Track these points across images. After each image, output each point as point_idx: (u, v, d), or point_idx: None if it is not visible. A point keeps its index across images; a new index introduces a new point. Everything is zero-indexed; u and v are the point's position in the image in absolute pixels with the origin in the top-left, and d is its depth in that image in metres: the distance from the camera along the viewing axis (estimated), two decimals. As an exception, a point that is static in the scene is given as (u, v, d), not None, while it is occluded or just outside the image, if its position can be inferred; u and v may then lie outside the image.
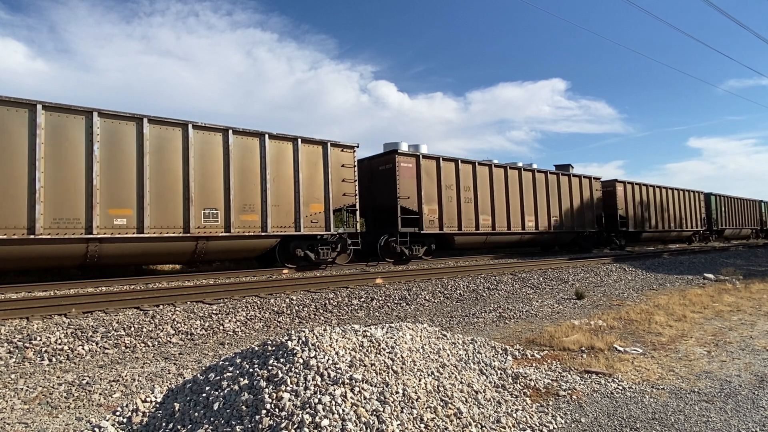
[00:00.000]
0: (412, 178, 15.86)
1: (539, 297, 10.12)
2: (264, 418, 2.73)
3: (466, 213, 17.24)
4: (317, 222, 13.28)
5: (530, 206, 19.85)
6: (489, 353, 4.80)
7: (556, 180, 21.37)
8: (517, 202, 19.36)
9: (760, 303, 8.67)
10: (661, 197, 28.27)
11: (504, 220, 18.76)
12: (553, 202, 20.99)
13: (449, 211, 16.73)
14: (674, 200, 29.61)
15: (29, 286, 9.62)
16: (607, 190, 24.89)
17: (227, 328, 7.04)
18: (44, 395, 4.21)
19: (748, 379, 4.37)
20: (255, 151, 12.34)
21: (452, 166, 17.13)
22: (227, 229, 11.66)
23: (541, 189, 20.52)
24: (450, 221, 16.73)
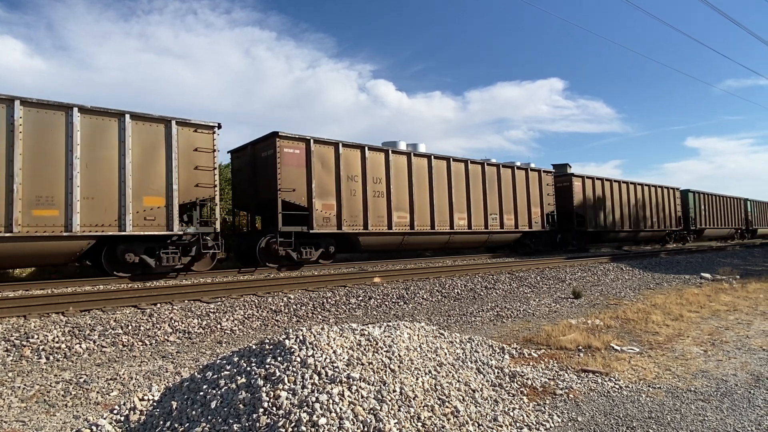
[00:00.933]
0: (300, 167, 13.29)
1: (536, 296, 10.14)
2: (261, 416, 2.74)
3: (375, 209, 14.77)
4: (154, 219, 10.64)
5: (461, 203, 17.48)
6: (486, 352, 4.81)
7: (496, 173, 19.01)
8: (444, 197, 16.93)
9: (757, 302, 8.70)
10: (628, 194, 25.98)
11: (426, 218, 16.33)
12: (492, 199, 18.66)
13: (351, 207, 14.25)
14: (645, 197, 27.34)
15: (26, 285, 9.61)
16: (563, 186, 22.52)
17: (225, 326, 7.04)
18: (42, 393, 4.21)
19: (744, 378, 4.39)
20: (59, 130, 9.63)
21: (357, 154, 14.63)
22: (8, 228, 9.01)
23: (476, 183, 18.12)
24: (353, 219, 14.28)
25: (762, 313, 7.65)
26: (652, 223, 27.86)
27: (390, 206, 15.31)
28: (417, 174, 16.32)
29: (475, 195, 18.16)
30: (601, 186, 24.24)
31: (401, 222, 15.65)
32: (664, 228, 29.00)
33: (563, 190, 22.41)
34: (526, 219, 20.03)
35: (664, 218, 28.93)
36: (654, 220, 27.99)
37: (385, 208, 15.22)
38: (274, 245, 12.75)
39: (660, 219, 28.59)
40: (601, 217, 23.78)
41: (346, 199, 14.20)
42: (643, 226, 27.05)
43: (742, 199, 39.87)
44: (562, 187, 22.42)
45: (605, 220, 24.07)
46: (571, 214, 22.30)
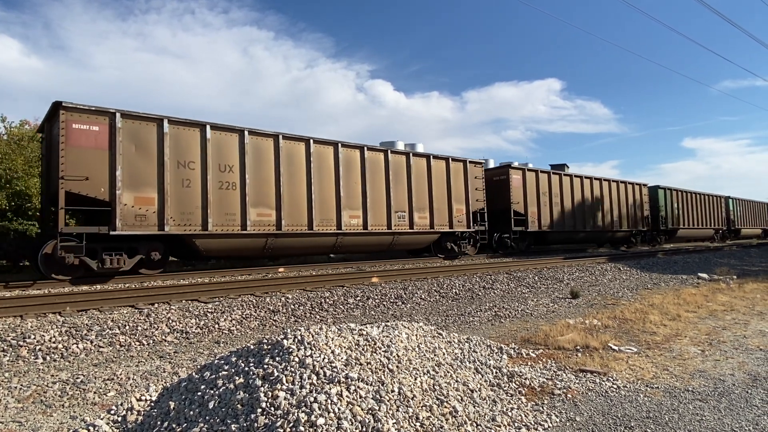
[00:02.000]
0: (99, 149, 10.39)
1: (534, 296, 10.15)
2: (259, 416, 2.73)
3: (221, 205, 11.89)
4: None
5: (354, 197, 14.71)
6: (484, 352, 4.81)
7: (405, 163, 16.18)
8: (329, 191, 14.10)
9: (754, 302, 8.73)
10: (583, 190, 23.35)
11: (301, 217, 13.43)
12: (399, 193, 15.90)
13: (183, 202, 11.33)
14: (605, 194, 24.63)
15: (23, 284, 9.57)
16: (499, 180, 19.91)
17: (223, 326, 7.03)
18: (38, 394, 4.19)
19: (741, 378, 4.40)
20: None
21: (194, 135, 11.62)
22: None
23: (377, 174, 15.35)
24: (184, 217, 11.33)
25: (759, 313, 7.68)
26: (613, 223, 25.07)
27: (245, 201, 12.28)
28: (289, 162, 13.29)
29: (375, 188, 15.27)
30: (547, 180, 21.34)
31: (263, 221, 12.67)
32: (629, 228, 26.35)
33: (499, 185, 19.84)
34: (445, 218, 17.22)
35: (628, 217, 26.21)
36: (616, 219, 25.27)
37: (237, 204, 12.21)
38: (62, 253, 9.78)
39: (624, 218, 25.94)
40: (547, 216, 21.01)
41: (175, 192, 11.22)
42: (603, 226, 24.41)
43: (723, 197, 36.96)
44: (498, 182, 19.90)
45: (552, 219, 21.22)
46: (507, 213, 19.60)
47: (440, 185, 17.23)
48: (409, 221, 16.17)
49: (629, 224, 26.33)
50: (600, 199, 24.38)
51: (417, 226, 16.37)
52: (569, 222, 22.31)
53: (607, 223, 24.77)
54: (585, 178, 23.66)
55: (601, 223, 24.35)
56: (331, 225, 14.17)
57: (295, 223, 13.36)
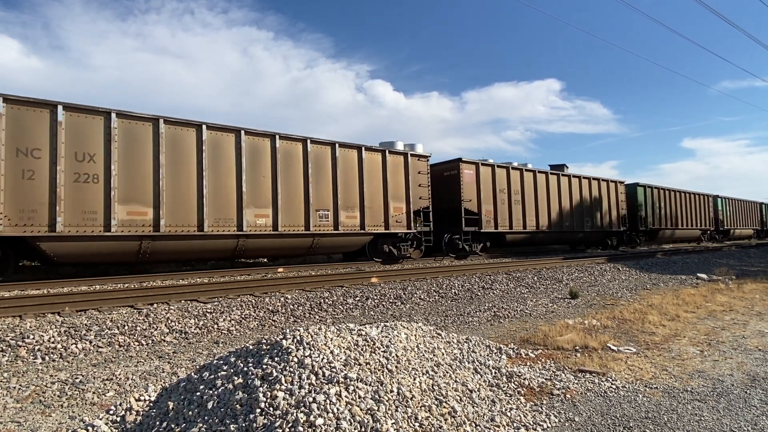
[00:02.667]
0: None
1: (534, 296, 10.16)
2: (258, 417, 2.73)
3: (77, 201, 10.06)
4: None
5: (263, 193, 12.63)
6: (483, 352, 4.81)
7: (330, 155, 14.10)
8: (229, 186, 12.05)
9: (753, 303, 8.74)
10: (548, 188, 21.27)
11: (189, 216, 11.46)
12: (323, 189, 13.85)
13: (23, 196, 9.50)
14: (575, 192, 22.69)
15: (22, 284, 9.56)
16: (449, 175, 18.02)
17: (222, 326, 7.02)
18: (37, 394, 4.18)
19: (740, 379, 4.40)
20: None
21: (42, 117, 9.78)
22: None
23: (292, 166, 13.31)
24: (24, 215, 9.52)
25: (758, 314, 7.68)
26: (584, 223, 23.05)
27: (110, 197, 10.38)
28: (173, 151, 11.38)
29: (290, 183, 13.23)
30: (506, 176, 19.40)
31: (135, 221, 10.75)
32: (603, 228, 24.33)
33: (449, 181, 17.93)
34: (380, 217, 15.26)
35: (602, 217, 24.24)
36: (588, 219, 23.34)
37: (100, 200, 10.33)
38: None
39: (598, 218, 24.03)
40: (505, 216, 19.20)
41: (12, 185, 9.42)
42: (572, 226, 22.33)
43: (711, 196, 34.88)
44: (448, 178, 17.99)
45: (512, 219, 19.41)
46: (457, 212, 17.67)
47: (374, 181, 15.17)
48: (334, 221, 14.08)
49: (603, 224, 24.27)
50: (569, 198, 22.36)
51: (344, 227, 14.28)
52: (531, 222, 20.32)
53: (577, 224, 22.62)
54: (551, 174, 21.72)
55: (569, 223, 22.20)
56: (230, 225, 12.09)
57: (179, 223, 11.37)
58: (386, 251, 15.75)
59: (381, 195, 15.43)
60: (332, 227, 14.10)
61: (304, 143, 13.68)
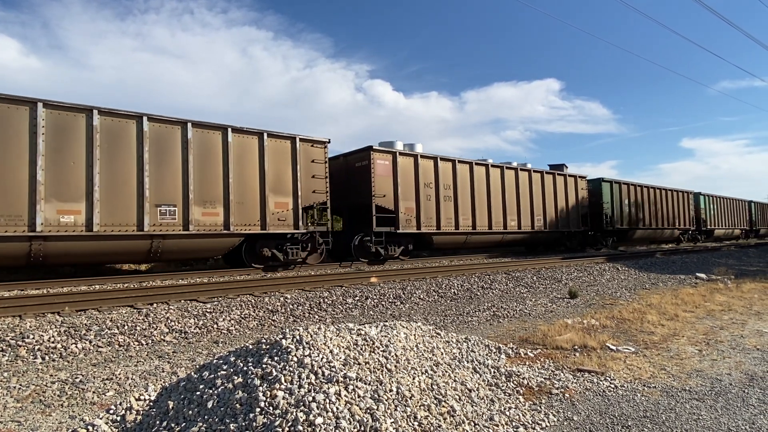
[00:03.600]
0: None
1: (533, 296, 10.17)
2: (258, 416, 2.74)
3: None
4: None
5: (73, 183, 10.09)
6: (483, 352, 4.83)
7: (180, 139, 11.32)
8: (19, 173, 9.48)
9: (751, 302, 8.75)
10: (489, 183, 18.51)
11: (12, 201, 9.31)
12: (168, 179, 11.13)
13: None
14: (524, 188, 19.96)
15: (22, 284, 9.57)
16: (360, 166, 15.43)
17: (221, 326, 7.03)
18: (37, 393, 4.19)
19: (738, 378, 4.42)
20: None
21: None
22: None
23: (122, 152, 10.67)
24: None
25: (756, 313, 7.70)
26: (534, 222, 20.34)
27: None
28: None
29: (114, 170, 10.57)
30: (433, 169, 16.69)
31: None
32: (559, 229, 21.55)
33: (360, 174, 15.34)
34: (255, 214, 12.51)
35: (558, 216, 21.53)
36: (539, 218, 20.66)
37: None
38: None
39: (553, 217, 21.31)
40: (431, 214, 16.49)
41: None
42: (519, 226, 19.61)
43: (692, 193, 32.23)
44: (359, 169, 15.45)
45: (440, 218, 16.64)
46: (366, 209, 15.08)
47: (247, 170, 12.38)
48: (184, 219, 11.21)
49: (560, 224, 21.54)
50: (516, 194, 19.65)
51: (200, 227, 11.44)
52: (466, 222, 17.61)
53: (525, 223, 19.92)
54: (493, 166, 18.90)
55: (515, 223, 19.44)
56: (19, 225, 9.39)
57: None
58: (267, 256, 12.91)
59: (257, 187, 12.56)
60: (181, 227, 11.22)
61: (138, 121, 10.90)
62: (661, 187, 28.31)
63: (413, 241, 16.55)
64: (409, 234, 16.11)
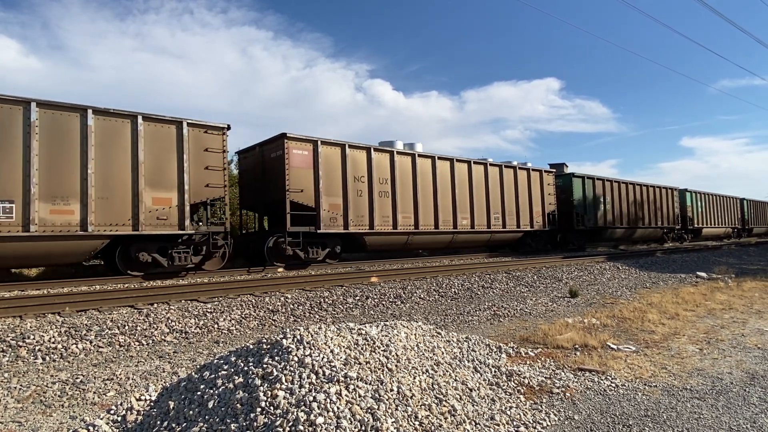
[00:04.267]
0: None
1: (533, 295, 10.17)
2: (259, 416, 2.74)
3: None
4: None
5: None
6: (483, 351, 4.82)
7: (23, 122, 9.39)
8: None
9: (752, 301, 8.75)
10: (436, 178, 16.52)
11: None
12: (3, 169, 9.17)
13: None
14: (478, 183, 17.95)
15: (22, 285, 9.57)
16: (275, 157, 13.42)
17: (222, 326, 7.03)
18: (38, 394, 4.19)
19: (739, 377, 4.41)
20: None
21: None
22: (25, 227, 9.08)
23: None
24: None
25: (757, 312, 7.70)
26: (490, 222, 18.22)
27: None
28: None
29: None
30: (365, 160, 14.64)
31: None
32: (517, 228, 19.30)
33: (275, 165, 13.41)
34: (125, 212, 10.49)
35: (518, 214, 19.44)
36: (497, 216, 18.52)
37: None
38: None
39: (514, 216, 19.24)
40: (363, 212, 14.51)
41: None
42: (471, 225, 17.54)
43: (677, 190, 30.27)
44: (273, 160, 13.48)
45: (373, 217, 14.69)
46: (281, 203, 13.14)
47: (116, 160, 10.39)
48: (24, 218, 9.27)
49: (521, 224, 19.52)
50: (469, 190, 17.67)
51: (45, 227, 9.47)
52: (407, 221, 15.71)
53: (481, 223, 17.97)
54: (440, 159, 16.78)
55: (468, 222, 17.46)
56: None
57: None
58: (146, 261, 10.86)
59: (128, 180, 10.56)
60: (20, 227, 9.24)
61: None
62: (641, 183, 26.65)
63: (341, 243, 14.49)
64: (335, 234, 14.10)
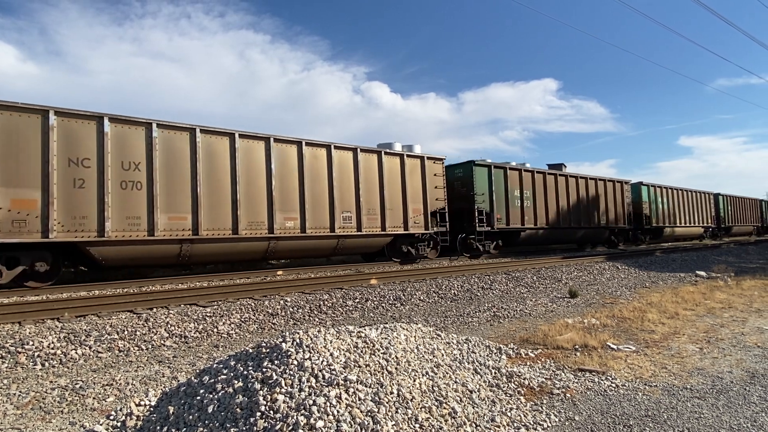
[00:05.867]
0: None
1: (533, 296, 10.16)
2: (259, 420, 2.73)
3: None
4: None
5: None
6: (483, 352, 4.82)
7: None
8: None
9: (752, 300, 8.75)
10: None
11: None
12: None
13: None
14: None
15: (21, 291, 9.55)
16: None
17: (221, 330, 7.02)
18: (37, 400, 4.18)
19: (739, 376, 4.41)
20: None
21: None
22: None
23: None
24: None
25: (757, 311, 7.70)
26: (334, 222, 13.90)
27: None
28: None
29: None
30: (94, 133, 10.23)
31: None
32: (381, 230, 14.90)
33: None
34: None
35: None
36: (348, 213, 14.27)
37: None
38: None
39: (376, 212, 14.88)
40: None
41: None
42: (303, 226, 13.34)
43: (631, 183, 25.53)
44: None
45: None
46: None
47: None
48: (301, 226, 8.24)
49: (384, 225, 14.97)
50: (300, 180, 13.33)
51: None
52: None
53: (317, 225, 13.68)
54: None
55: (295, 223, 13.20)
56: None
57: None
58: None
59: None
60: None
61: None
62: (578, 175, 21.62)
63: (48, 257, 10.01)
64: None
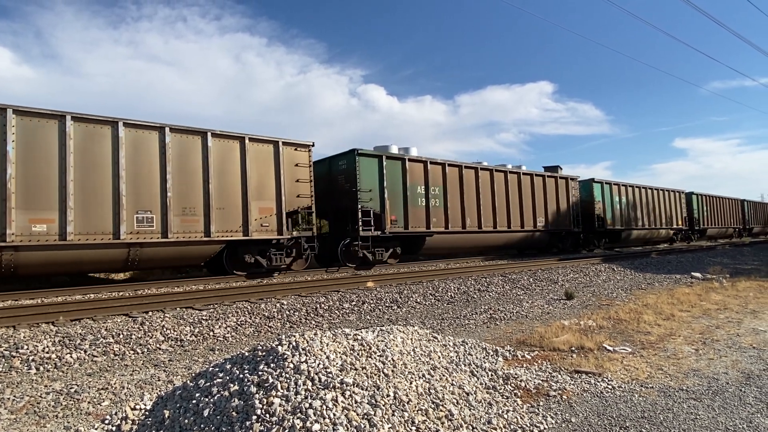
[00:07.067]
0: None
1: (529, 298, 10.18)
2: (255, 423, 2.72)
3: None
4: None
5: None
6: (480, 355, 4.82)
7: None
8: None
9: (747, 301, 8.79)
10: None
11: None
12: None
13: None
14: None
15: (15, 294, 9.49)
16: None
17: (217, 333, 6.99)
18: (31, 404, 4.15)
19: (735, 377, 4.43)
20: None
21: None
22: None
23: None
24: None
25: (752, 312, 7.73)
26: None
27: None
28: None
29: None
30: None
31: None
32: (206, 237, 11.13)
33: None
34: None
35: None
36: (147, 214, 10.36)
37: None
38: None
39: (200, 211, 11.26)
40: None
41: None
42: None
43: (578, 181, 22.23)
44: None
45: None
46: None
47: None
48: None
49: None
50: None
51: None
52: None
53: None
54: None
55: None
56: None
57: None
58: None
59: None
60: None
61: None
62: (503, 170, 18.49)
63: None
64: None
